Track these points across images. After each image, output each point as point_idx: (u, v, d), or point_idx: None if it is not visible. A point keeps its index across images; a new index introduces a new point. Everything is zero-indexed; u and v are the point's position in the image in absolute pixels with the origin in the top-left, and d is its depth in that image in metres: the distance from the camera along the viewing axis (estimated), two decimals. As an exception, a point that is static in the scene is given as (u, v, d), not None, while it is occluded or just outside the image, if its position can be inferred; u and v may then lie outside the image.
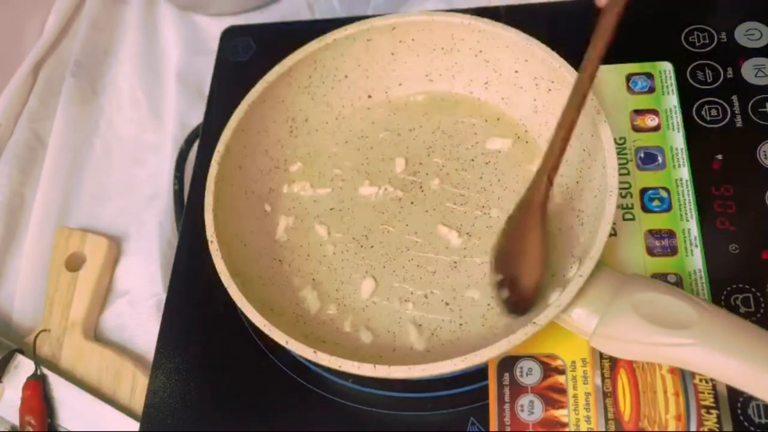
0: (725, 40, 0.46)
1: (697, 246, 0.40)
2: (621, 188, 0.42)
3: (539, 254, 0.37)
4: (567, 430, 0.36)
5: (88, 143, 0.60)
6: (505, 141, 0.45)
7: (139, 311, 0.51)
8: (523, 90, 0.44)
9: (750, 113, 0.44)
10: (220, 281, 0.38)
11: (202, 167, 0.45)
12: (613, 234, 0.40)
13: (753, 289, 0.38)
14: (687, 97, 0.45)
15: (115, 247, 0.54)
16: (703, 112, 0.44)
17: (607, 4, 0.35)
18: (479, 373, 0.38)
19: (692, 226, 0.40)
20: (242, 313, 0.37)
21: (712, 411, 0.35)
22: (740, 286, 0.38)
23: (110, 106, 0.62)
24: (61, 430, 0.47)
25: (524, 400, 0.37)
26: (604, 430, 0.35)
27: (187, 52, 0.63)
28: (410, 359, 0.38)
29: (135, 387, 0.47)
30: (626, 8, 0.49)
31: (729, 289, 0.38)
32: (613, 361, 0.37)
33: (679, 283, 0.39)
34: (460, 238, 0.42)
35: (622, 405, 0.36)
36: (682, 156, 0.43)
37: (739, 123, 0.43)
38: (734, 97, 0.44)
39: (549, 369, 0.37)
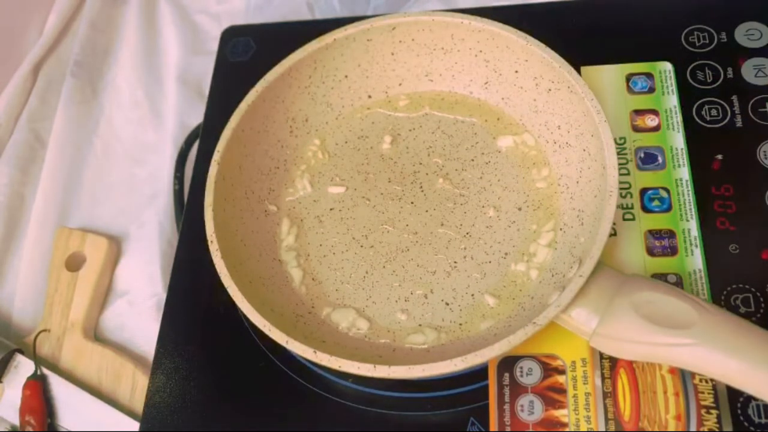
0: (725, 40, 0.46)
1: (697, 246, 0.40)
2: (621, 188, 0.42)
3: None
4: (567, 430, 0.36)
5: (88, 143, 0.60)
6: (505, 141, 0.45)
7: (139, 311, 0.51)
8: (523, 90, 0.44)
9: (750, 113, 0.44)
10: (220, 281, 0.38)
11: (202, 167, 0.45)
12: (613, 234, 0.40)
13: (753, 289, 0.38)
14: (687, 97, 0.45)
15: (115, 247, 0.54)
16: (703, 112, 0.44)
17: None
18: (479, 373, 0.38)
19: (692, 226, 0.40)
20: (242, 313, 0.37)
21: (712, 411, 0.35)
22: (740, 286, 0.38)
23: (110, 106, 0.62)
24: (61, 430, 0.47)
25: (524, 400, 0.37)
26: (604, 430, 0.35)
27: (187, 52, 0.63)
28: (410, 359, 0.38)
29: (135, 387, 0.47)
30: (627, 8, 0.50)
31: (729, 289, 0.38)
32: (613, 361, 0.37)
33: (679, 283, 0.39)
34: (460, 238, 0.42)
35: (622, 405, 0.36)
36: (682, 156, 0.43)
37: (739, 123, 0.43)
38: (734, 97, 0.44)
39: (549, 369, 0.37)
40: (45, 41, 0.64)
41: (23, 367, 0.48)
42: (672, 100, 0.45)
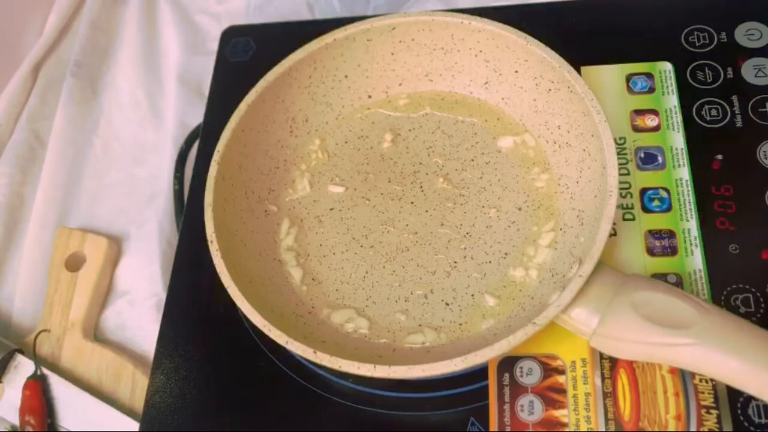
0: (725, 40, 0.46)
1: (697, 246, 0.40)
2: (621, 188, 0.42)
3: None
4: (567, 430, 0.36)
5: (88, 143, 0.60)
6: (505, 141, 0.45)
7: (139, 311, 0.51)
8: (523, 90, 0.44)
9: (750, 113, 0.44)
10: (220, 281, 0.38)
11: (202, 167, 0.45)
12: (613, 234, 0.40)
13: (753, 289, 0.38)
14: (687, 97, 0.45)
15: (115, 247, 0.54)
16: (703, 112, 0.44)
17: None
18: (479, 373, 0.38)
19: (692, 226, 0.40)
20: (242, 313, 0.37)
21: (712, 411, 0.35)
22: (740, 286, 0.38)
23: (110, 106, 0.62)
24: (61, 430, 0.47)
25: (524, 400, 0.37)
26: (604, 430, 0.35)
27: (187, 52, 0.63)
28: (410, 359, 0.38)
29: (135, 387, 0.47)
30: (627, 8, 0.50)
31: (729, 289, 0.38)
32: (613, 361, 0.37)
33: (679, 283, 0.39)
34: (460, 238, 0.42)
35: (622, 405, 0.36)
36: (682, 156, 0.43)
37: (739, 123, 0.43)
38: (734, 97, 0.44)
39: (549, 369, 0.37)
40: (45, 41, 0.64)
41: (23, 367, 0.48)
42: (672, 100, 0.45)
